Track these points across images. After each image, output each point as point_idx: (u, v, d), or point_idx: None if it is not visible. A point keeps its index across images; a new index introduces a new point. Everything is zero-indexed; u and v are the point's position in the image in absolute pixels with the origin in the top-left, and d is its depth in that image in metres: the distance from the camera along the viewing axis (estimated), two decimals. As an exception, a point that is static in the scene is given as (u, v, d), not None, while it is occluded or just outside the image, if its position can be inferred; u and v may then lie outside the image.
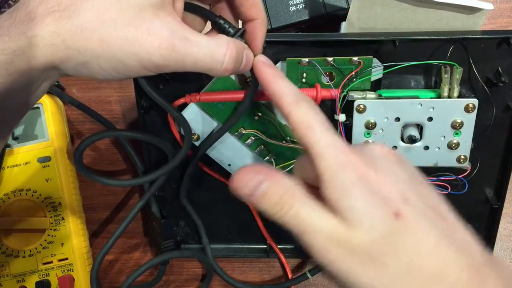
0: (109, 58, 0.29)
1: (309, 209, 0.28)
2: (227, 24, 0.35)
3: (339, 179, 0.28)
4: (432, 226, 0.27)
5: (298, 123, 0.30)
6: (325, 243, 0.28)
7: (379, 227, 0.27)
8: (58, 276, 0.50)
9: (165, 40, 0.29)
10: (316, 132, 0.29)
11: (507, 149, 0.45)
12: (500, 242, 0.54)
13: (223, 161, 0.47)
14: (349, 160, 0.28)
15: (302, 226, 0.28)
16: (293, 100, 0.31)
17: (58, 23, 0.28)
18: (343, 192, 0.27)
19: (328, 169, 0.28)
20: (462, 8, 0.41)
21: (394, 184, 0.28)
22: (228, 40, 0.32)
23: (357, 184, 0.27)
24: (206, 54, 0.31)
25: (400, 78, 0.44)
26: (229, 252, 0.52)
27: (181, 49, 0.30)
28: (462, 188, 0.44)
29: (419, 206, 0.28)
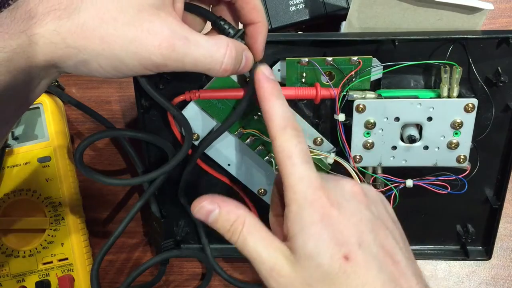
0: (109, 57, 0.29)
1: (257, 239, 0.31)
2: (227, 25, 0.35)
3: (302, 215, 0.29)
4: (381, 271, 0.28)
5: (279, 150, 0.31)
6: (268, 273, 0.29)
7: (325, 267, 0.28)
8: (58, 276, 0.50)
9: (165, 40, 0.29)
10: (294, 163, 0.30)
11: (507, 149, 0.45)
12: (500, 242, 0.54)
13: (223, 160, 0.47)
14: (316, 198, 0.29)
15: (250, 254, 0.31)
16: (281, 126, 0.32)
17: (59, 21, 0.28)
18: (301, 229, 0.29)
19: (295, 203, 0.30)
20: (462, 8, 0.41)
21: (353, 226, 0.29)
22: (228, 41, 0.32)
23: (317, 223, 0.29)
24: (205, 54, 0.31)
25: (399, 78, 0.44)
26: (229, 252, 0.52)
27: (181, 48, 0.30)
28: (462, 188, 0.44)
29: (372, 250, 0.29)
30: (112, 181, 0.44)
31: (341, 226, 0.29)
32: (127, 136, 0.50)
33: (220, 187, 0.50)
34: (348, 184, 0.32)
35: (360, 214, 0.30)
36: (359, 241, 0.29)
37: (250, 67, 0.35)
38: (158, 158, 0.48)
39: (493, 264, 0.54)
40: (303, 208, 0.29)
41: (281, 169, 0.31)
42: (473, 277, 0.55)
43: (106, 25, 0.28)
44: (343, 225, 0.29)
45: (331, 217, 0.29)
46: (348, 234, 0.29)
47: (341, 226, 0.29)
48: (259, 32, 0.35)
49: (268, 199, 0.49)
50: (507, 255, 0.54)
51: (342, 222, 0.29)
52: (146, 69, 0.30)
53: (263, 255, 0.30)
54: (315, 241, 0.28)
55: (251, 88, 0.39)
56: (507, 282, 0.54)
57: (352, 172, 0.43)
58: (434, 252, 0.51)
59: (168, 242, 0.50)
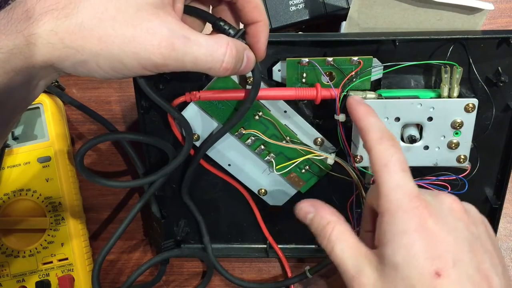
0: (108, 57, 0.29)
1: (344, 246, 0.31)
2: (227, 26, 0.35)
3: (395, 223, 0.29)
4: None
5: (376, 159, 0.32)
6: (350, 280, 0.30)
7: (413, 280, 0.27)
8: (58, 276, 0.50)
9: (164, 39, 0.29)
10: (389, 171, 0.31)
11: (507, 149, 0.45)
12: (500, 242, 0.54)
13: (223, 161, 0.47)
14: (412, 207, 0.29)
15: (335, 260, 0.31)
16: (378, 137, 0.33)
17: (56, 21, 0.28)
18: (393, 237, 0.28)
19: (388, 211, 0.29)
20: (462, 8, 0.41)
21: (450, 242, 0.28)
22: (228, 40, 0.32)
23: (411, 232, 0.28)
24: (206, 53, 0.30)
25: (400, 78, 0.44)
26: (229, 252, 0.52)
27: (180, 48, 0.29)
28: (462, 187, 0.44)
29: (468, 270, 0.28)
30: (113, 183, 0.44)
31: (437, 239, 0.28)
32: (128, 139, 0.49)
33: (221, 187, 0.50)
34: (448, 199, 0.31)
35: (459, 231, 0.29)
36: (454, 259, 0.27)
37: (252, 67, 0.35)
38: (158, 158, 0.48)
39: (493, 264, 0.54)
40: (396, 216, 0.29)
41: (377, 179, 0.31)
42: (473, 277, 0.55)
43: (105, 24, 0.28)
44: (439, 239, 0.28)
45: (427, 229, 0.28)
46: (443, 249, 0.28)
47: (437, 239, 0.28)
48: (260, 31, 0.35)
49: (268, 199, 0.49)
50: (507, 255, 0.54)
51: (438, 236, 0.28)
52: (146, 69, 0.30)
53: (347, 263, 0.30)
54: (406, 251, 0.28)
55: (254, 89, 0.39)
56: (507, 282, 0.54)
57: (352, 172, 0.43)
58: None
59: (168, 242, 0.50)
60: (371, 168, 0.33)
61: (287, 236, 0.52)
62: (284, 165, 0.46)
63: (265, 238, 0.51)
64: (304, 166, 0.46)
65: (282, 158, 0.46)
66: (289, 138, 0.45)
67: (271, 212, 0.50)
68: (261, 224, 0.50)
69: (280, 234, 0.51)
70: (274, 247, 0.51)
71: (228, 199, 0.50)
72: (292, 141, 0.45)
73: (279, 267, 0.55)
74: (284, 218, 0.50)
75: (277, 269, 0.55)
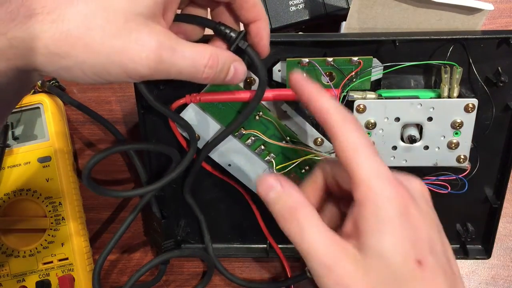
0: (94, 65, 0.29)
1: (315, 232, 0.28)
2: (227, 29, 0.35)
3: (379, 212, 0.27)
4: (445, 280, 0.27)
5: (344, 145, 0.29)
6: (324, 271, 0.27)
7: (396, 269, 0.26)
8: (58, 276, 0.50)
9: (152, 51, 0.29)
10: (363, 156, 0.28)
11: (506, 149, 0.46)
12: (500, 242, 0.54)
13: (223, 161, 0.47)
14: (395, 194, 0.27)
15: (304, 248, 0.28)
16: (341, 118, 0.30)
17: (41, 26, 0.27)
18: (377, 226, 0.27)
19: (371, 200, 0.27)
20: (462, 8, 0.41)
21: (427, 229, 0.28)
22: (212, 51, 0.32)
23: (395, 220, 0.27)
24: (189, 65, 0.31)
25: (400, 78, 0.44)
26: (229, 252, 0.52)
27: (167, 60, 0.29)
28: (462, 187, 0.44)
29: (441, 258, 0.28)
30: (122, 194, 0.44)
31: (417, 226, 0.27)
32: (135, 149, 0.49)
33: (221, 187, 0.50)
34: (419, 183, 0.30)
35: (429, 217, 0.29)
36: (430, 246, 0.27)
37: (241, 78, 0.35)
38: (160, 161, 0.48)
39: (493, 264, 0.54)
40: (380, 204, 0.27)
41: (348, 165, 0.28)
42: (473, 277, 0.55)
43: (93, 33, 0.28)
44: (419, 226, 0.27)
45: (410, 215, 0.27)
46: (422, 237, 0.27)
47: (417, 226, 0.27)
48: (262, 28, 0.35)
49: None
50: (507, 255, 0.54)
51: (418, 222, 0.27)
52: (131, 78, 0.30)
53: (322, 252, 0.28)
54: (392, 239, 0.26)
55: (260, 91, 0.38)
56: (507, 282, 0.54)
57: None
58: (433, 252, 0.51)
59: (168, 243, 0.50)
60: (336, 154, 0.30)
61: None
62: (284, 165, 0.46)
63: (265, 238, 0.51)
64: (304, 166, 0.46)
65: (282, 158, 0.46)
66: (289, 138, 0.45)
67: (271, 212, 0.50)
68: (261, 224, 0.50)
69: (280, 234, 0.50)
70: (274, 247, 0.52)
71: (228, 199, 0.50)
72: (292, 141, 0.45)
73: (279, 267, 0.55)
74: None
75: (277, 269, 0.55)
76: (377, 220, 0.27)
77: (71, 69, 0.29)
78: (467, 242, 0.50)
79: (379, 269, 0.26)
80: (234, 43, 0.35)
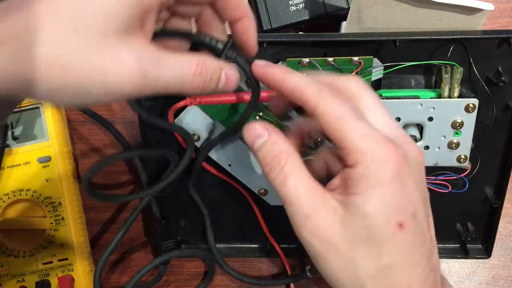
0: (72, 87, 0.27)
1: (298, 181, 0.28)
2: (213, 41, 0.32)
3: (370, 175, 0.27)
4: (422, 245, 0.28)
5: (325, 114, 0.28)
6: (303, 220, 0.28)
7: (377, 229, 0.27)
8: (58, 276, 0.50)
9: (134, 66, 0.27)
10: (348, 121, 0.28)
11: (507, 149, 0.46)
12: (500, 242, 0.54)
13: (223, 161, 0.47)
14: (389, 155, 0.27)
15: (286, 196, 0.29)
16: (316, 91, 0.29)
17: (15, 50, 0.25)
18: (366, 187, 0.27)
19: (363, 163, 0.27)
20: (463, 8, 0.41)
21: (413, 194, 0.28)
22: (199, 60, 0.29)
23: (386, 184, 0.27)
24: (176, 76, 0.28)
25: (400, 78, 0.44)
26: (230, 252, 0.52)
27: (152, 74, 0.28)
28: (463, 187, 0.44)
29: (422, 224, 0.28)
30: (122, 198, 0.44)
31: (406, 191, 0.27)
32: (137, 156, 0.49)
33: (221, 187, 0.50)
34: (413, 147, 0.30)
35: (419, 184, 0.29)
36: (414, 210, 0.27)
37: (234, 85, 0.32)
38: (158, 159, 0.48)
39: (493, 264, 0.54)
40: (372, 167, 0.27)
41: (335, 135, 0.28)
42: (473, 277, 0.55)
43: (69, 54, 0.26)
44: (408, 191, 0.27)
45: (401, 180, 0.27)
46: (408, 200, 0.27)
47: (406, 191, 0.27)
48: (248, 26, 0.33)
49: (269, 199, 0.49)
50: (507, 255, 0.54)
51: (408, 187, 0.27)
52: (116, 98, 0.28)
53: (302, 199, 0.28)
54: (379, 202, 0.27)
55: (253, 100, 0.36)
56: (507, 282, 0.55)
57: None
58: (433, 251, 0.51)
59: (168, 243, 0.50)
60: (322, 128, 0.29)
61: (288, 236, 0.51)
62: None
63: (266, 238, 0.51)
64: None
65: (283, 158, 0.46)
66: (290, 138, 0.45)
67: (271, 212, 0.50)
68: (262, 224, 0.50)
69: (281, 233, 0.51)
70: (275, 246, 0.51)
71: (228, 199, 0.50)
72: (293, 141, 0.45)
73: (280, 267, 0.55)
74: (285, 218, 0.50)
75: (277, 269, 0.55)
76: (367, 183, 0.27)
77: (50, 93, 0.27)
78: (467, 241, 0.50)
79: (358, 226, 0.27)
80: (222, 53, 0.33)
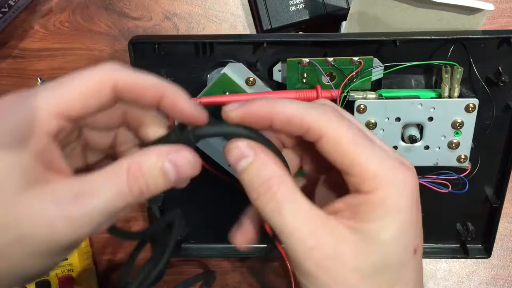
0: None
1: (295, 209, 0.25)
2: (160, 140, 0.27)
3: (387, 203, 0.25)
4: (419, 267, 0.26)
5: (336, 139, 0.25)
6: (308, 253, 0.24)
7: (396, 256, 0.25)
8: (58, 276, 0.50)
9: (56, 218, 0.22)
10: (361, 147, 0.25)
11: (507, 149, 0.46)
12: (500, 242, 0.54)
13: (223, 161, 0.47)
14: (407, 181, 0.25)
15: (283, 227, 0.25)
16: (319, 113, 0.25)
17: None
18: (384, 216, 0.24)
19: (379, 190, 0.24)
20: (463, 8, 0.41)
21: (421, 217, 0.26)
22: (129, 161, 0.24)
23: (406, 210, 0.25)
24: (109, 196, 0.23)
25: (400, 78, 0.44)
26: (229, 252, 0.52)
27: (80, 211, 0.23)
28: (463, 187, 0.44)
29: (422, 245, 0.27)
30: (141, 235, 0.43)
31: (418, 215, 0.26)
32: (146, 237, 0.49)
33: (221, 186, 0.49)
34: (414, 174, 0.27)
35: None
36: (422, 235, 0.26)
37: (192, 170, 0.27)
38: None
39: (493, 264, 0.54)
40: (391, 193, 0.24)
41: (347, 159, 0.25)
42: (473, 277, 0.55)
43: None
44: (419, 214, 0.26)
45: (417, 206, 0.26)
46: (420, 225, 0.26)
47: (418, 215, 0.26)
48: (174, 98, 0.28)
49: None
50: (507, 255, 0.54)
51: (419, 210, 0.26)
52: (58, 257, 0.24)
53: (304, 230, 0.24)
54: (399, 230, 0.24)
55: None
56: (507, 282, 0.55)
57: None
58: (434, 250, 0.51)
59: (169, 243, 0.50)
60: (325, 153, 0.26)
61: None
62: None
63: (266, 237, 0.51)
64: (304, 166, 0.46)
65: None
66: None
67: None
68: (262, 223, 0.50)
69: None
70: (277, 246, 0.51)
71: (228, 199, 0.50)
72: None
73: (280, 266, 0.55)
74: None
75: (278, 268, 0.55)
76: (386, 210, 0.24)
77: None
78: (468, 241, 0.50)
79: (376, 254, 0.24)
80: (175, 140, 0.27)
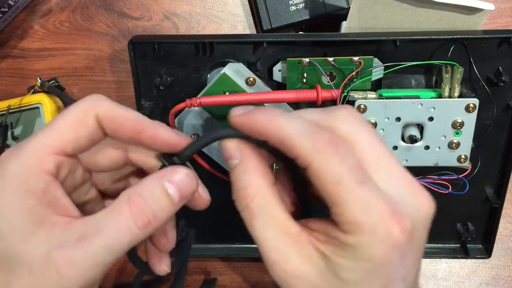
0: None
1: (267, 222, 0.25)
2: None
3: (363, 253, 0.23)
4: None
5: (320, 175, 0.23)
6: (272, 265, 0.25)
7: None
8: None
9: (61, 265, 0.23)
10: (347, 188, 0.23)
11: (507, 149, 0.46)
12: (500, 242, 0.54)
13: (223, 161, 0.47)
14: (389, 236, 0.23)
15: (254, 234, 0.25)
16: (308, 144, 0.24)
17: None
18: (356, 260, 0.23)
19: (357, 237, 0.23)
20: (463, 8, 0.41)
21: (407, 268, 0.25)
22: (129, 192, 0.24)
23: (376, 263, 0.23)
24: (113, 233, 0.24)
25: (400, 78, 0.44)
26: (229, 252, 0.52)
27: (84, 254, 0.23)
28: (463, 187, 0.44)
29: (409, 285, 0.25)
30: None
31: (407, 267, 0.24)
32: None
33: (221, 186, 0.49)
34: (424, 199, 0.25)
35: (419, 250, 0.25)
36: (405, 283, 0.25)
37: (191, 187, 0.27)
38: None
39: (493, 264, 0.54)
40: (366, 244, 0.23)
41: (330, 198, 0.24)
42: (473, 277, 0.55)
43: None
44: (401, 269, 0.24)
45: (403, 256, 0.24)
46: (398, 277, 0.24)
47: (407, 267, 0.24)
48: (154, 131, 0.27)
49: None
50: (507, 255, 0.54)
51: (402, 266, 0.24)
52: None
53: (270, 244, 0.25)
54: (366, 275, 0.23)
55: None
56: (507, 282, 0.55)
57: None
58: (434, 251, 0.51)
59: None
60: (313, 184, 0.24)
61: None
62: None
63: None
64: (304, 166, 0.46)
65: (283, 158, 0.46)
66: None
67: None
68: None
69: None
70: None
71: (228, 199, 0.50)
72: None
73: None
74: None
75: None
76: (355, 254, 0.23)
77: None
78: (468, 241, 0.50)
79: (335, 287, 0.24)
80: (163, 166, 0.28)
